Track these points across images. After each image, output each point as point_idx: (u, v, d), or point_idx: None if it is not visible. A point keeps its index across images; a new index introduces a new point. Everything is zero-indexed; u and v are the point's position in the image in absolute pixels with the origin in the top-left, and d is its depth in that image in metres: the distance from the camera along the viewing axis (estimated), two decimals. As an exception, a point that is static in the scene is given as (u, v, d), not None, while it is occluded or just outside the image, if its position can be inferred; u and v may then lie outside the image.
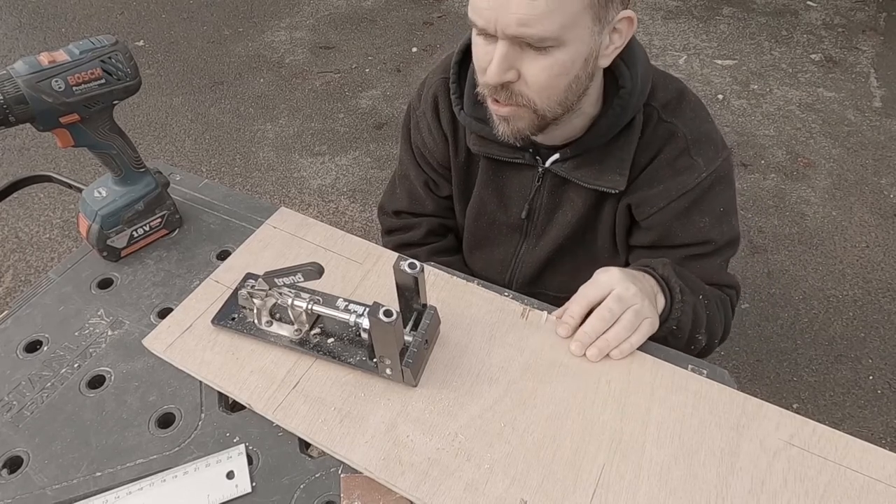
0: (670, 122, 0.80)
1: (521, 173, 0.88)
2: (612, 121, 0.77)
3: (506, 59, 0.66)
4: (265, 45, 2.99)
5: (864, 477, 0.58)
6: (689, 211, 0.82)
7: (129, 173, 0.78)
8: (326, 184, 2.24)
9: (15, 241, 2.02)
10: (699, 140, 0.80)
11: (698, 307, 0.78)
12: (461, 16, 3.17)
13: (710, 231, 0.83)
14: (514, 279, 0.98)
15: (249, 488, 0.58)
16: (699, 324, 0.78)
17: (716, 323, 0.82)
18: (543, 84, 0.69)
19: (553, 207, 0.88)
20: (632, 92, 0.76)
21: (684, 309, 0.75)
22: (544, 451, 0.60)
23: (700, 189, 0.81)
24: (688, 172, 0.80)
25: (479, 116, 0.83)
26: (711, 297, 0.82)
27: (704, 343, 0.81)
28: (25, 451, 0.62)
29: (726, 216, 0.84)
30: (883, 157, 2.29)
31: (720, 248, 0.85)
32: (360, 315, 0.66)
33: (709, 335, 0.81)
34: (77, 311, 0.75)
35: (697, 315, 0.78)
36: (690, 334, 0.78)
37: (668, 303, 0.74)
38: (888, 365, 1.66)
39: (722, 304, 0.85)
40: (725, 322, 0.86)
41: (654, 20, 3.09)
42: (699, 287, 0.81)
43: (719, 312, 0.84)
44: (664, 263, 0.77)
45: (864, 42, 2.90)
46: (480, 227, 0.96)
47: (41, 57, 0.65)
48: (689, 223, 0.83)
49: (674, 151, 0.80)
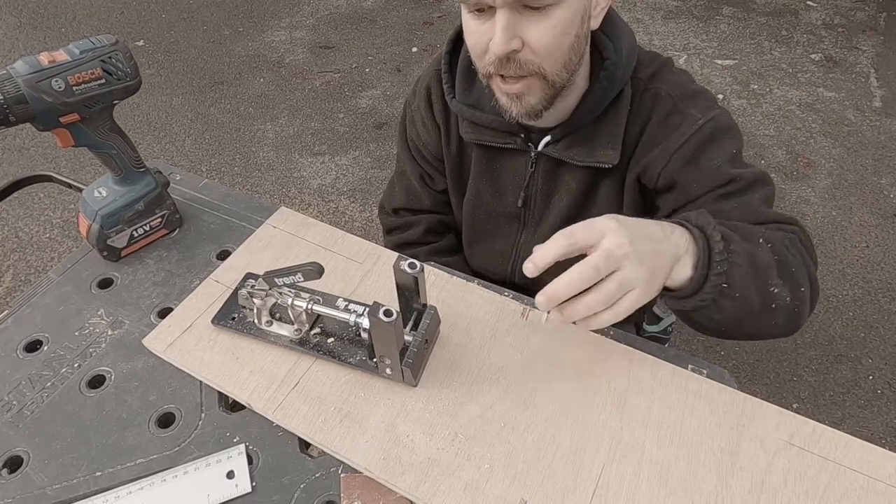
0: (655, 87, 0.79)
1: (514, 160, 0.88)
2: (600, 94, 0.77)
3: (508, 28, 0.66)
4: (265, 44, 2.99)
5: (864, 476, 0.58)
6: (696, 157, 0.76)
7: (129, 173, 0.78)
8: (326, 184, 2.24)
9: (15, 241, 2.02)
10: (686, 96, 0.79)
11: (757, 253, 0.64)
12: (461, 15, 3.17)
13: (728, 169, 0.75)
14: (516, 270, 0.98)
15: (249, 488, 0.59)
16: (766, 272, 0.64)
17: (793, 267, 0.67)
18: (549, 45, 0.68)
19: (549, 193, 0.88)
20: (617, 63, 0.76)
21: (733, 260, 0.61)
22: (544, 451, 0.60)
23: (701, 136, 0.76)
24: (684, 123, 0.77)
25: (469, 103, 0.83)
26: (776, 240, 0.67)
27: (788, 297, 0.65)
28: (25, 450, 0.62)
29: (740, 160, 0.77)
30: (883, 157, 2.29)
31: (752, 184, 0.75)
32: (360, 315, 0.66)
33: (790, 285, 0.66)
34: (77, 310, 0.75)
35: (758, 262, 0.63)
36: (760, 288, 0.63)
37: (704, 255, 0.60)
38: (888, 365, 1.66)
39: (792, 245, 0.69)
40: (807, 267, 0.69)
41: (654, 20, 3.09)
42: (754, 232, 0.66)
43: (793, 255, 0.68)
44: (700, 213, 0.65)
45: (864, 42, 2.90)
46: (478, 220, 0.96)
47: (41, 57, 0.66)
48: (700, 169, 0.76)
49: (663, 111, 0.79)
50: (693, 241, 0.61)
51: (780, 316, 0.66)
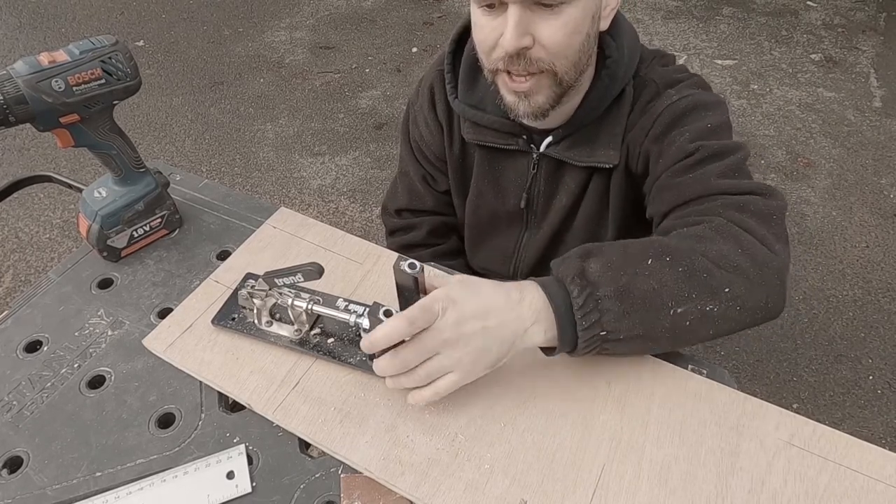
0: (645, 76, 0.79)
1: (516, 162, 0.87)
2: (601, 93, 0.77)
3: (520, 24, 0.66)
4: (265, 45, 3.00)
5: (864, 477, 0.58)
6: (665, 132, 0.74)
7: (129, 173, 0.78)
8: (326, 184, 2.24)
9: (15, 242, 2.02)
10: (670, 83, 0.77)
11: (639, 284, 0.57)
12: (461, 16, 3.16)
13: (690, 142, 0.71)
14: (519, 270, 0.98)
15: (249, 488, 0.58)
16: (656, 300, 0.58)
17: (705, 273, 0.59)
18: (561, 44, 0.68)
19: (551, 194, 0.88)
20: (618, 61, 0.75)
21: (603, 306, 0.57)
22: (544, 452, 0.60)
23: (673, 111, 0.74)
24: (659, 103, 0.76)
25: (472, 103, 0.83)
26: (681, 248, 0.60)
27: (710, 306, 0.59)
28: (25, 451, 0.62)
29: (719, 134, 0.72)
30: (883, 157, 2.29)
31: (715, 155, 0.69)
32: (360, 315, 0.66)
33: (706, 294, 0.59)
34: (77, 311, 0.75)
35: (641, 295, 0.57)
36: (654, 318, 0.58)
37: (565, 312, 0.58)
38: (888, 365, 1.66)
39: (719, 236, 0.61)
40: (745, 251, 0.61)
41: (654, 20, 3.09)
42: (642, 253, 0.60)
43: (710, 255, 0.60)
44: (566, 259, 0.61)
45: (864, 42, 2.90)
46: (481, 220, 0.96)
47: (41, 57, 0.65)
48: (666, 143, 0.73)
49: (646, 97, 0.78)
50: (548, 303, 0.58)
51: (715, 324, 0.60)
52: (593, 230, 0.89)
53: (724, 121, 0.75)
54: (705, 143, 0.71)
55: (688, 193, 0.69)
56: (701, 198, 0.68)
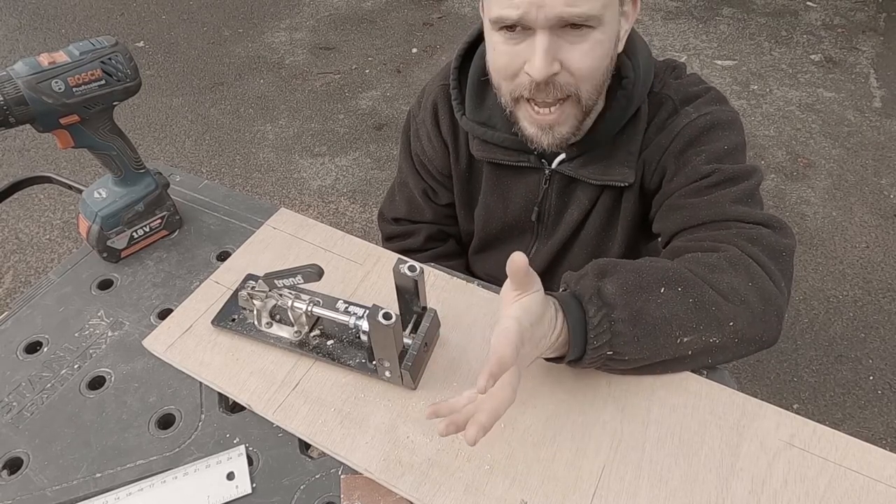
0: (662, 94, 0.78)
1: (526, 177, 0.86)
2: (617, 113, 0.76)
3: (549, 51, 0.64)
4: (265, 45, 3.00)
5: (865, 477, 0.58)
6: (683, 151, 0.74)
7: (129, 174, 0.78)
8: (326, 185, 2.24)
9: (15, 242, 2.02)
10: (688, 98, 0.77)
11: (652, 311, 0.59)
12: (461, 16, 3.17)
13: (707, 164, 0.72)
14: None
15: (249, 489, 0.58)
16: (666, 328, 0.60)
17: (713, 306, 0.61)
18: (590, 68, 0.67)
19: (562, 207, 0.87)
20: (634, 82, 0.74)
21: (616, 329, 0.58)
22: (544, 452, 0.60)
23: (692, 130, 0.74)
24: (678, 121, 0.76)
25: (481, 121, 0.82)
26: (692, 279, 0.62)
27: (713, 338, 0.61)
28: (25, 452, 0.62)
29: (736, 156, 0.73)
30: (883, 158, 2.29)
31: (731, 179, 0.70)
32: (359, 317, 0.66)
33: (713, 327, 0.61)
34: (77, 311, 0.75)
35: (652, 321, 0.59)
36: (660, 346, 0.60)
37: (579, 329, 0.59)
38: (888, 365, 1.65)
39: (731, 268, 0.63)
40: (755, 285, 0.63)
41: (654, 20, 3.09)
42: (656, 279, 0.61)
43: (719, 288, 0.62)
44: (583, 275, 0.62)
45: (864, 42, 2.90)
46: (490, 231, 0.95)
47: (41, 58, 0.66)
48: (682, 163, 0.74)
49: (663, 115, 0.77)
50: (564, 319, 0.58)
51: (714, 354, 0.63)
52: (600, 242, 0.89)
53: (739, 141, 0.76)
54: (721, 166, 0.72)
55: (701, 216, 0.71)
56: (714, 222, 0.70)
